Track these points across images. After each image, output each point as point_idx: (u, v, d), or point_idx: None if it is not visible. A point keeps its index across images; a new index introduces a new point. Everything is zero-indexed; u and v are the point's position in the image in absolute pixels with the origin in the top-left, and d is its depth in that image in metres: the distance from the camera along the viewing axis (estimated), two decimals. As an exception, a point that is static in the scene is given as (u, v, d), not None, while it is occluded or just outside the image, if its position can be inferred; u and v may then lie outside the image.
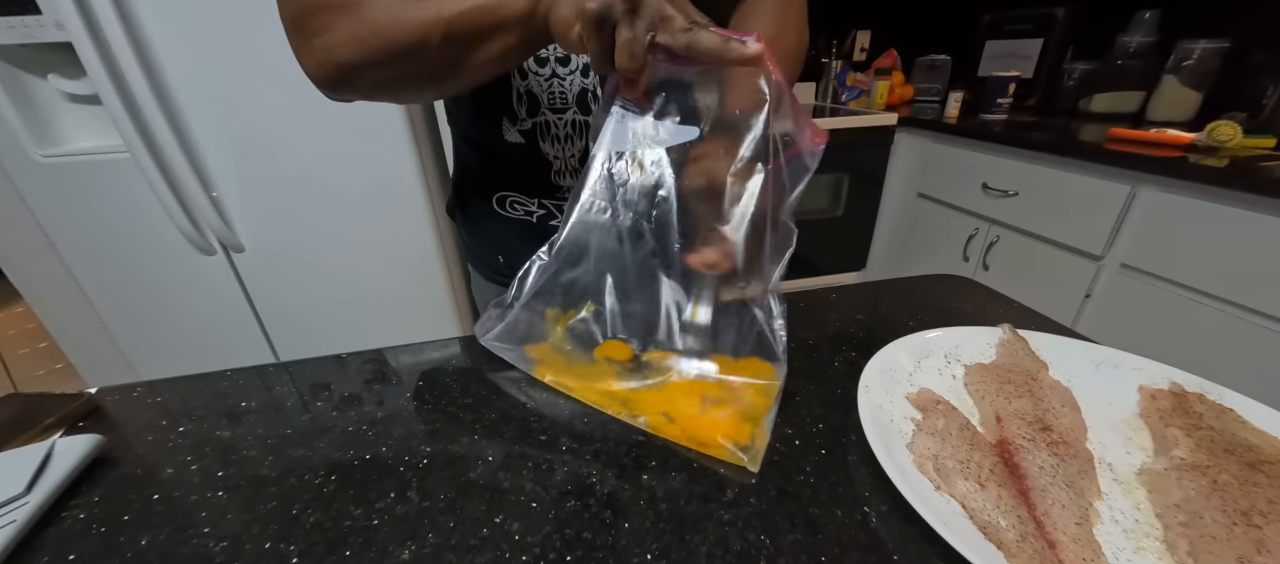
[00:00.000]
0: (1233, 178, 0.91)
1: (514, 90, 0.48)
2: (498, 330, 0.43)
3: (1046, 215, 1.24)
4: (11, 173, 1.00)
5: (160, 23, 0.91)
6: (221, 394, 0.41)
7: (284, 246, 1.15)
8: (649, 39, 0.29)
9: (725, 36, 0.28)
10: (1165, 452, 0.32)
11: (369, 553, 0.27)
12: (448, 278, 1.28)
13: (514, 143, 0.51)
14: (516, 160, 0.52)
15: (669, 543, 0.28)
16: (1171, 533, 0.27)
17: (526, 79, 0.48)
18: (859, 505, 0.30)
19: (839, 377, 0.41)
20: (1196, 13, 1.27)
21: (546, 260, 0.39)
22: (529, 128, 0.50)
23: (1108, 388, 0.38)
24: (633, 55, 0.29)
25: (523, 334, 0.42)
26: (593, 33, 0.29)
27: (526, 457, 0.34)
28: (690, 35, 0.28)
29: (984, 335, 0.43)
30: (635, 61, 0.29)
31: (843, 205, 1.72)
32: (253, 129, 1.01)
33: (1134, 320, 1.10)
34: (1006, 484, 0.30)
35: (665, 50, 0.29)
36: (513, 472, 0.33)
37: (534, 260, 0.39)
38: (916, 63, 1.88)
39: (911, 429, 0.34)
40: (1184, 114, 1.26)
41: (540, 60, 0.47)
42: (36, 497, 0.30)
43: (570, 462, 0.33)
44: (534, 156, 0.52)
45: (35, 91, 0.99)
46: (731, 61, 0.29)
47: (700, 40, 0.28)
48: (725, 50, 0.28)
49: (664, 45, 0.29)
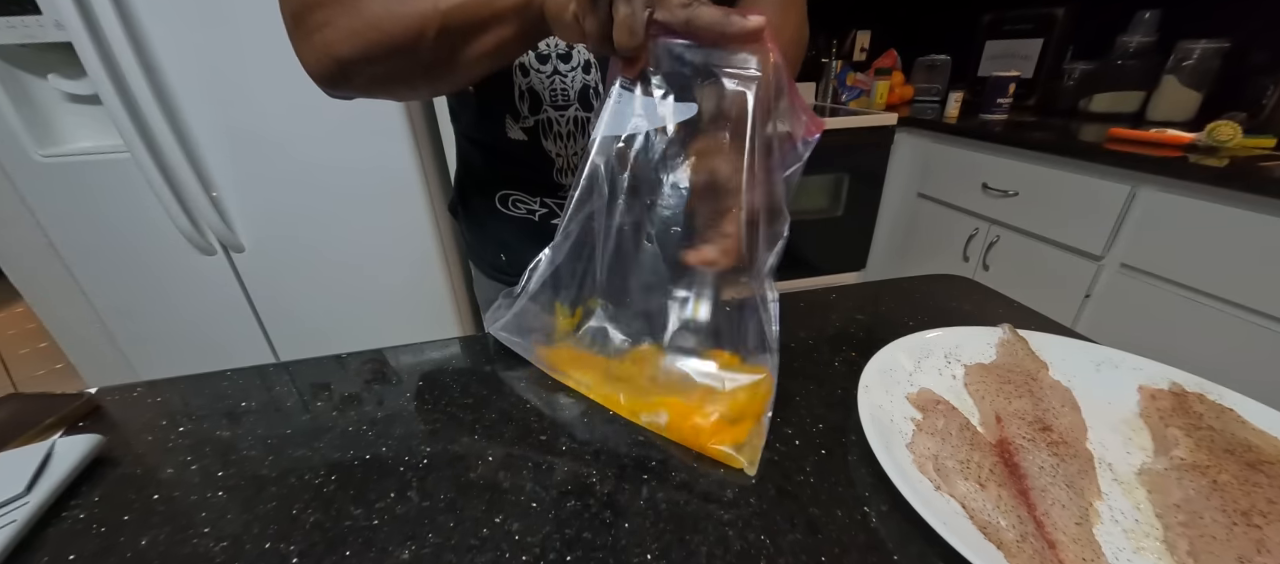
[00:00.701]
0: (1233, 178, 0.91)
1: (516, 88, 0.48)
2: (505, 320, 0.42)
3: (1046, 215, 1.24)
4: (11, 173, 1.00)
5: (160, 23, 0.91)
6: (221, 394, 0.41)
7: (284, 246, 1.15)
8: (647, 15, 0.28)
9: (725, 12, 0.28)
10: (1165, 452, 0.32)
11: (369, 553, 0.27)
12: (448, 277, 1.28)
13: (517, 140, 0.51)
14: (519, 158, 0.52)
15: (669, 543, 0.28)
16: (1171, 533, 0.27)
17: (528, 76, 0.48)
18: (859, 505, 0.30)
19: (839, 377, 0.41)
20: (1196, 13, 1.27)
21: (550, 253, 0.38)
22: (531, 125, 0.50)
23: (1108, 388, 0.38)
24: (631, 32, 0.28)
25: (530, 326, 0.42)
26: (588, 10, 0.28)
27: (526, 457, 0.34)
28: (689, 11, 0.28)
29: (984, 335, 0.43)
30: (634, 38, 0.28)
31: (843, 205, 1.72)
32: (253, 129, 1.01)
33: (1134, 320, 1.10)
34: (1006, 484, 0.30)
35: (664, 27, 0.29)
36: (513, 472, 0.33)
37: (544, 253, 0.39)
38: (916, 63, 1.88)
39: (911, 429, 0.34)
40: (1184, 114, 1.26)
41: (541, 57, 0.47)
42: (36, 497, 0.30)
43: (570, 462, 0.33)
44: (536, 154, 0.52)
45: (35, 91, 0.99)
46: (732, 37, 0.28)
47: (700, 15, 0.28)
48: (725, 25, 0.28)
49: (662, 22, 0.28)
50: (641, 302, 0.39)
